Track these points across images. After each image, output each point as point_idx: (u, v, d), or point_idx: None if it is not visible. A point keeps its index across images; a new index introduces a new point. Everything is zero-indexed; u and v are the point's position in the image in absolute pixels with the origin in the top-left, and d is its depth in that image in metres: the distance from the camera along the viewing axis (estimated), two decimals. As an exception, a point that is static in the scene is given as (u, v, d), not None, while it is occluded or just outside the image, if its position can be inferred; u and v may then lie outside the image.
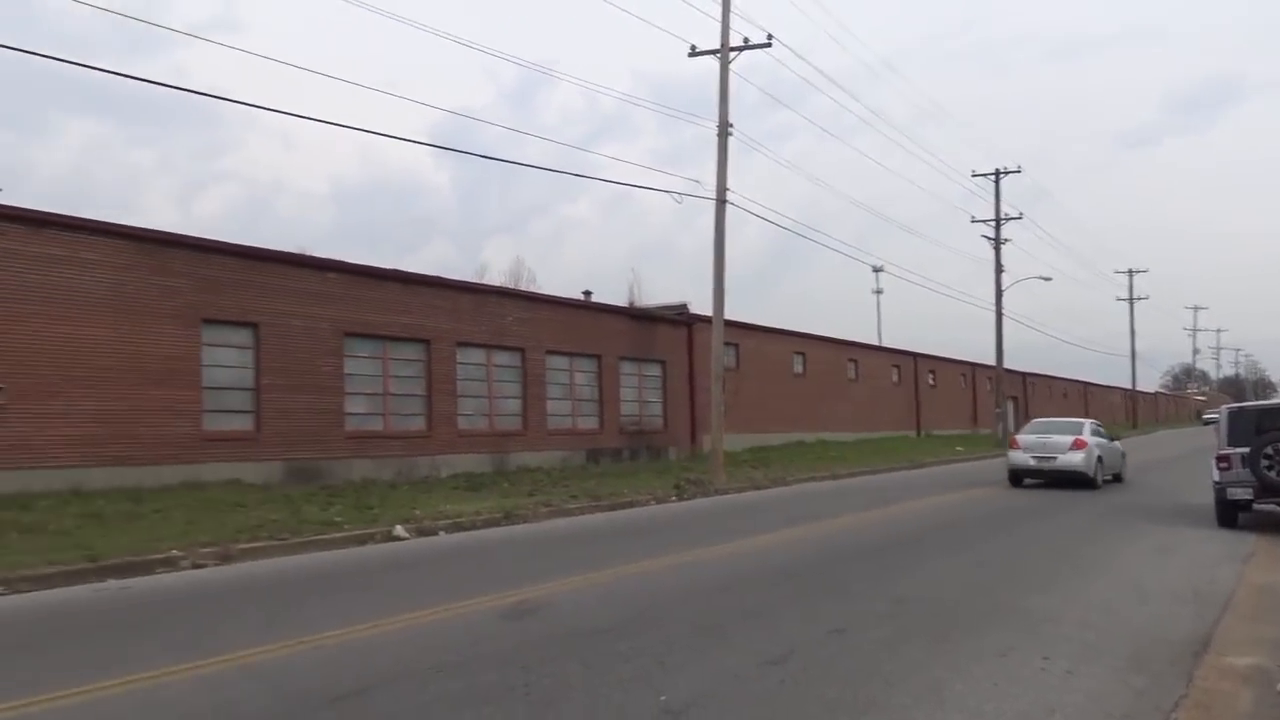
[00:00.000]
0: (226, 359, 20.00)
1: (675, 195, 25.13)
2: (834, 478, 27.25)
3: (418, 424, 24.15)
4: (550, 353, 28.40)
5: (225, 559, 12.33)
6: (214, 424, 19.60)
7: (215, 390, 19.72)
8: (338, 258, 22.89)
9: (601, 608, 8.58)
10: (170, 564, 11.83)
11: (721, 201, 24.77)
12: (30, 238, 16.90)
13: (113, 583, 10.74)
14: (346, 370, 22.40)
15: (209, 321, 19.56)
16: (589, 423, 29.91)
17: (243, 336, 20.31)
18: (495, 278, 50.26)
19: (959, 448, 43.37)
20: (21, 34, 61.11)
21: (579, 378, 29.71)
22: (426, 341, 24.41)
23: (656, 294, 52.25)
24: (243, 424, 20.20)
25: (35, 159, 54.52)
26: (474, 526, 15.74)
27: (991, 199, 48.23)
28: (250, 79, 61.93)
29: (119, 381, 17.95)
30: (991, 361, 50.03)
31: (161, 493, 17.19)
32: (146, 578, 11.10)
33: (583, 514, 17.86)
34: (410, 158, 74.84)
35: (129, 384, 18.08)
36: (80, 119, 59.98)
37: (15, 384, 16.49)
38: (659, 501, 20.23)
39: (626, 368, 31.73)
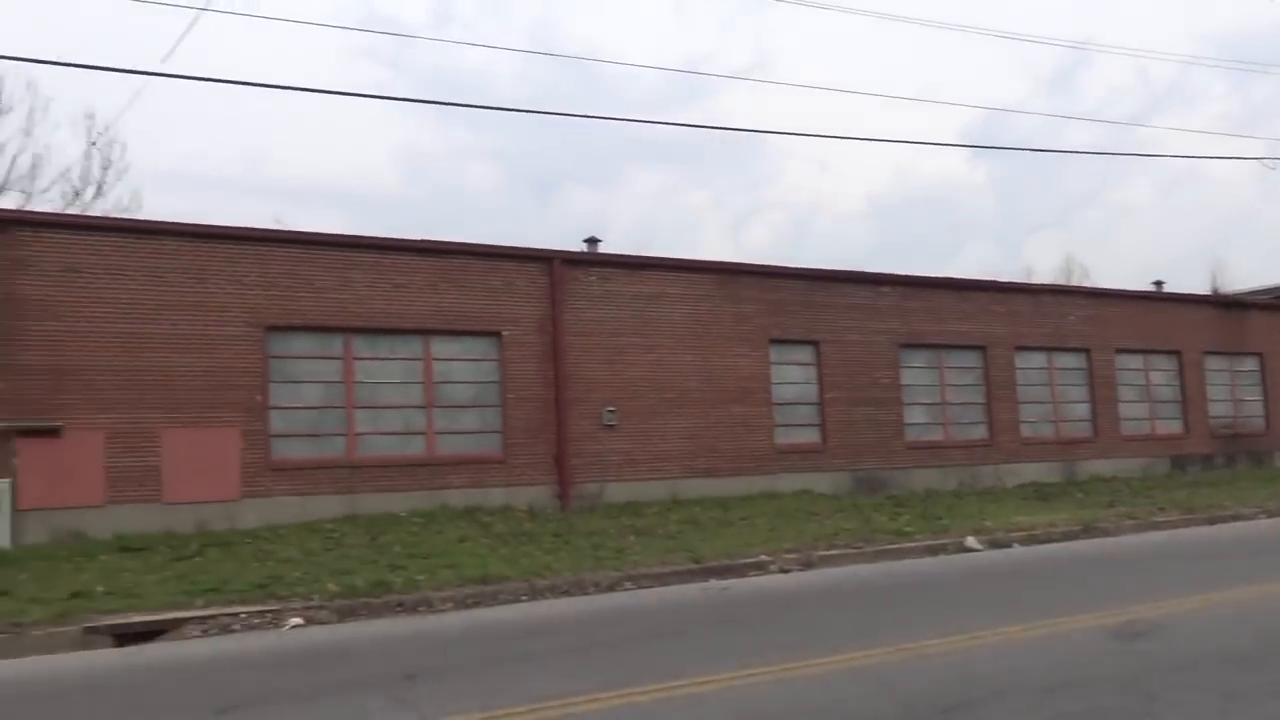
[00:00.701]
0: (792, 376, 21.27)
1: (1267, 161, 21.74)
2: None
3: (978, 433, 23.58)
4: (1120, 351, 26.10)
5: (807, 564, 13.04)
6: (784, 437, 20.92)
7: (784, 405, 21.05)
8: (889, 271, 23.26)
9: (1230, 633, 7.64)
10: (760, 567, 12.79)
11: (1331, 161, 20.98)
12: (629, 278, 19.53)
13: (714, 583, 11.86)
14: (903, 381, 22.61)
15: (775, 341, 20.98)
16: (1170, 426, 26.92)
17: (805, 354, 21.46)
18: (1042, 276, 47.43)
19: None
20: (596, 103, 70.75)
21: (1155, 377, 26.90)
22: (982, 348, 23.79)
23: (1244, 278, 45.57)
24: (810, 437, 21.30)
25: (615, 210, 62.89)
26: (1049, 539, 14.96)
27: None
28: (786, 112, 65.40)
29: (702, 401, 19.95)
30: None
31: (743, 501, 18.71)
32: (741, 579, 12.10)
33: (1173, 527, 16.10)
34: (943, 163, 73.61)
35: (711, 403, 20.02)
36: (647, 170, 67.97)
37: (623, 407, 19.09)
38: (1270, 515, 17.55)
39: (1213, 363, 28.05)
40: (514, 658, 7.81)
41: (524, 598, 11.00)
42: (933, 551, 13.93)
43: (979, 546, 14.32)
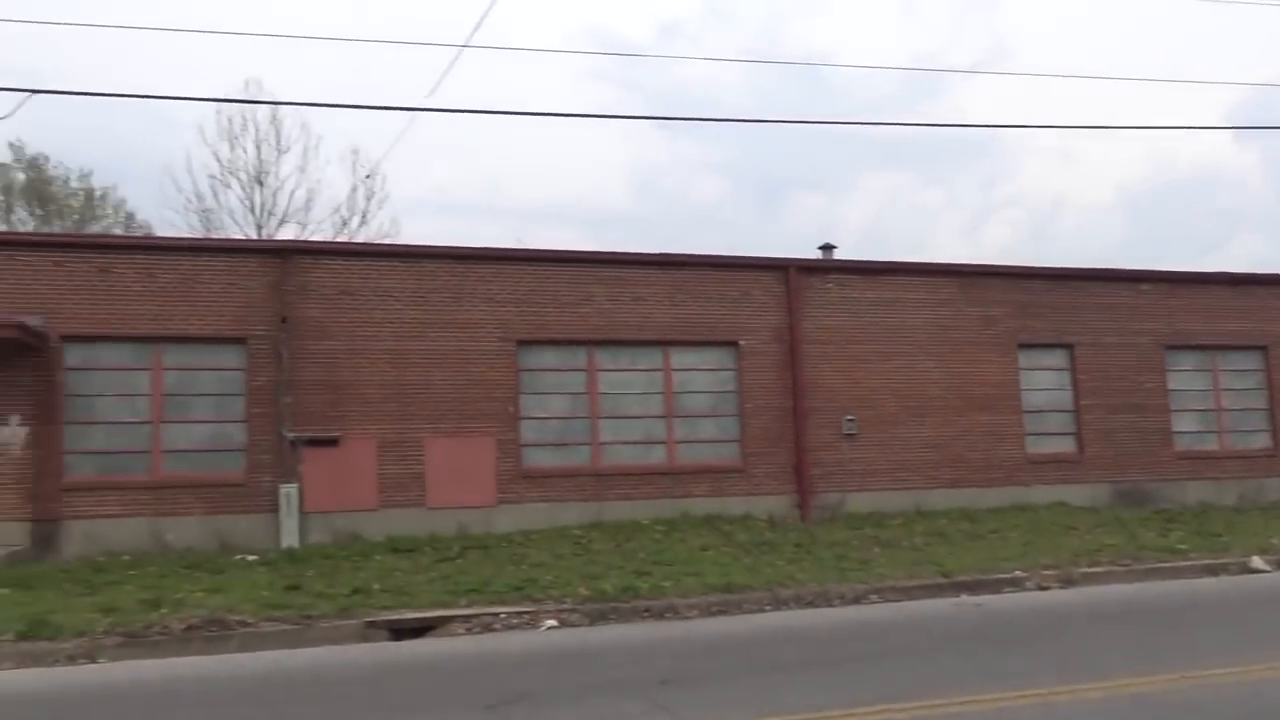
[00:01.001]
0: (1043, 382, 20.16)
1: None
2: None
3: (1260, 441, 21.44)
4: None
5: (1068, 581, 12.34)
6: (1036, 446, 19.85)
7: (1035, 413, 19.99)
8: (1148, 267, 21.64)
9: None
10: (1015, 584, 12.22)
11: None
12: (867, 284, 19.17)
13: (966, 598, 11.44)
14: (1170, 386, 20.92)
15: (1025, 346, 19.98)
16: None
17: (1058, 358, 20.30)
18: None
19: None
20: (823, 108, 69.90)
21: None
22: (1263, 348, 21.63)
23: None
24: (1064, 446, 20.11)
25: (844, 215, 61.70)
26: (1355, 561, 13.43)
27: None
28: (1024, 104, 62.07)
29: (946, 409, 19.26)
30: None
31: (992, 514, 17.89)
32: (995, 595, 11.60)
33: None
34: (1205, 147, 67.44)
35: (956, 411, 19.29)
36: (876, 173, 66.33)
37: (863, 415, 18.73)
38: None
39: None
40: (764, 667, 7.82)
41: (768, 607, 11.01)
42: (1211, 571, 12.84)
43: (1266, 567, 13.10)
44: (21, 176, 33.34)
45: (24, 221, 32.85)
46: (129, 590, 11.66)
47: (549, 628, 10.28)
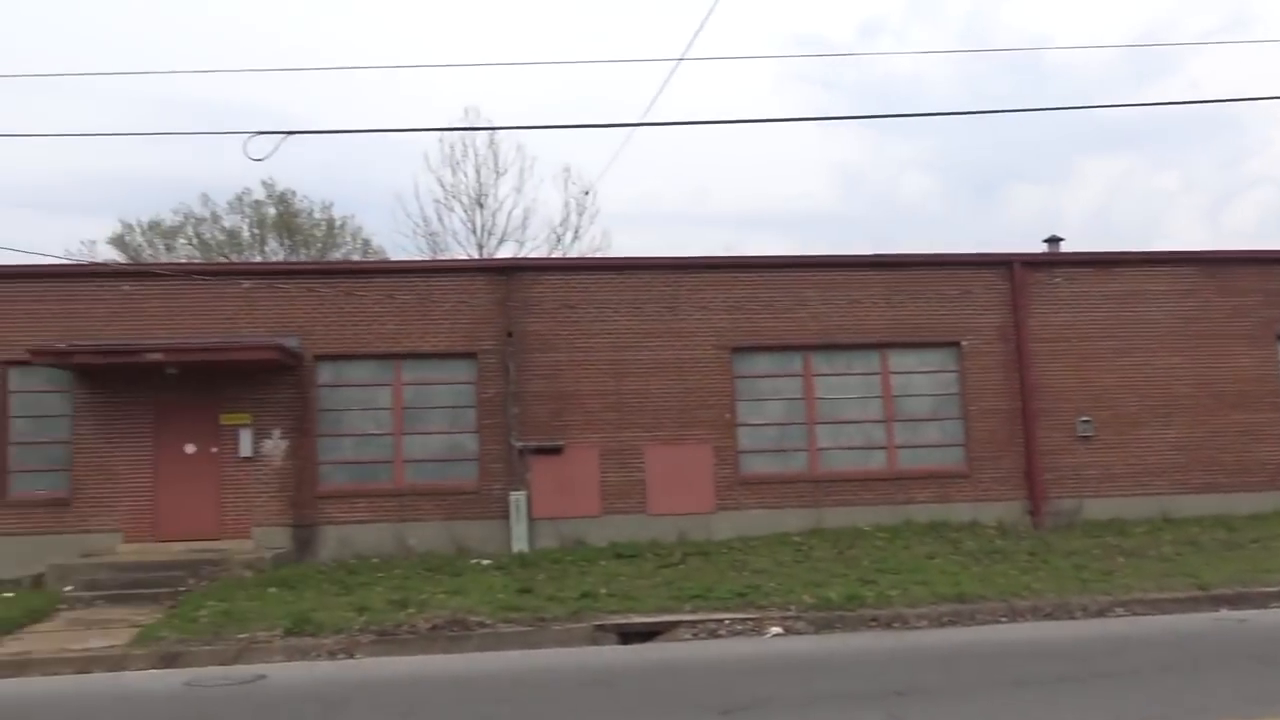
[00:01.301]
0: (1310, 376, 18.35)
1: None
2: None
3: None
4: None
5: (1350, 598, 11.19)
6: (1303, 448, 18.08)
7: (1303, 411, 18.20)
8: None
9: None
10: (1284, 598, 11.22)
11: None
12: (1099, 277, 18.03)
13: (1226, 613, 10.62)
14: None
15: (1285, 337, 18.27)
16: None
17: (1325, 351, 18.42)
18: None
19: None
20: (1038, 95, 66.03)
21: None
22: None
23: None
24: (1336, 446, 18.20)
25: (1065, 205, 58.12)
26: None
27: None
28: (1271, 74, 56.49)
29: (1195, 407, 17.84)
30: None
31: (1252, 521, 16.46)
32: (1261, 611, 10.71)
33: None
34: None
35: (1206, 409, 17.84)
36: (1100, 158, 62.13)
37: (1099, 416, 17.62)
38: None
39: None
40: (1006, 681, 7.50)
41: (1002, 619, 10.60)
42: None
43: None
44: (272, 211, 36.45)
45: (275, 252, 35.90)
46: (379, 591, 12.51)
47: (774, 635, 10.27)
